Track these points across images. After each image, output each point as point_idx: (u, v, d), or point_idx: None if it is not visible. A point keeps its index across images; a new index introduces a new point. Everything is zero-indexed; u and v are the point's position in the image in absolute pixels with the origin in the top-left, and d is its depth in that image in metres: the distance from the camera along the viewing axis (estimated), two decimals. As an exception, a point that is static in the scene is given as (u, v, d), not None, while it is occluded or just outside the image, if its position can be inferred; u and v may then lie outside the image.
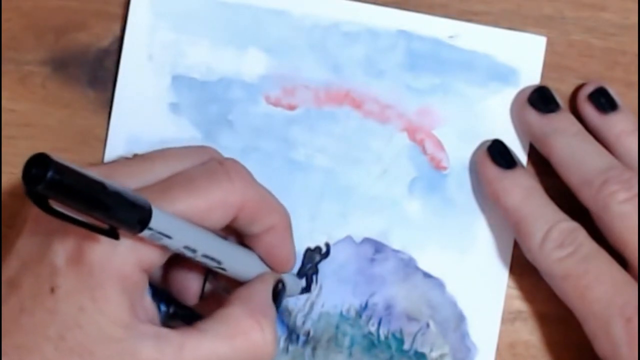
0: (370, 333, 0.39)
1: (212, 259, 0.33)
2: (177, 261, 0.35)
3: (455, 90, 0.40)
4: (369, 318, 0.39)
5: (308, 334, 0.39)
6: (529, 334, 0.39)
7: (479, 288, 0.39)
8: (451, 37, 0.40)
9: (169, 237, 0.30)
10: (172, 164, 0.34)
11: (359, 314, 0.39)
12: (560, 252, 0.36)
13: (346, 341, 0.39)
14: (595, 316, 0.35)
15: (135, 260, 0.30)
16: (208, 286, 0.36)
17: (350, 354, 0.39)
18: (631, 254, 0.35)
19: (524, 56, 0.40)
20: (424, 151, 0.40)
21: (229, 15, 0.40)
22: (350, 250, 0.40)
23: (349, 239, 0.40)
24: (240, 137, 0.40)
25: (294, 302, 0.39)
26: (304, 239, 0.40)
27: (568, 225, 0.36)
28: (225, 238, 0.35)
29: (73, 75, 0.41)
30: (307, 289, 0.40)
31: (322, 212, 0.40)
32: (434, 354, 0.39)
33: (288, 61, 0.40)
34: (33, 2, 0.41)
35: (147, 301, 0.32)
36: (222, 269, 0.34)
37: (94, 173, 0.27)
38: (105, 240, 0.29)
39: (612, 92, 0.38)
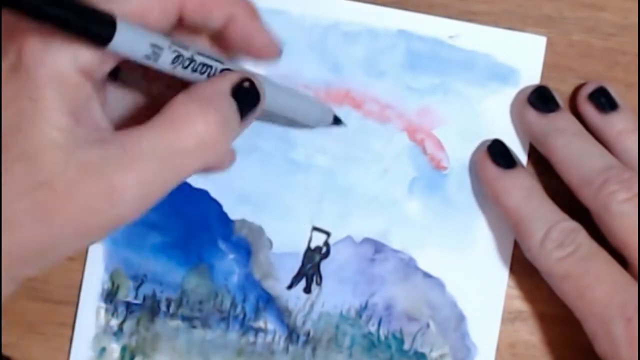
0: (370, 333, 0.39)
1: (206, 56, 0.32)
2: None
3: (455, 90, 0.40)
4: (369, 318, 0.39)
5: (308, 334, 0.39)
6: (529, 334, 0.39)
7: (479, 288, 0.39)
8: (451, 37, 0.40)
9: (157, 48, 0.29)
10: None
11: (359, 314, 0.39)
12: (561, 252, 0.36)
13: (346, 341, 0.39)
14: (595, 316, 0.35)
15: (70, 59, 0.29)
16: None
17: (350, 354, 0.39)
18: (631, 254, 0.35)
19: (524, 56, 0.40)
20: (424, 151, 0.40)
21: (229, 15, 0.40)
22: (350, 250, 0.40)
23: (349, 239, 0.40)
24: (240, 137, 0.40)
25: (294, 302, 0.39)
26: (304, 239, 0.40)
27: (568, 225, 0.36)
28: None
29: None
30: (307, 289, 0.40)
31: (322, 212, 0.40)
32: (434, 354, 0.39)
33: (288, 61, 0.40)
34: (33, 2, 0.41)
35: (95, 112, 0.31)
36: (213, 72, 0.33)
37: None
38: (39, 42, 0.29)
39: (612, 91, 0.38)
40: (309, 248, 0.40)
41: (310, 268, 0.40)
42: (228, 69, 0.33)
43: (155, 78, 0.35)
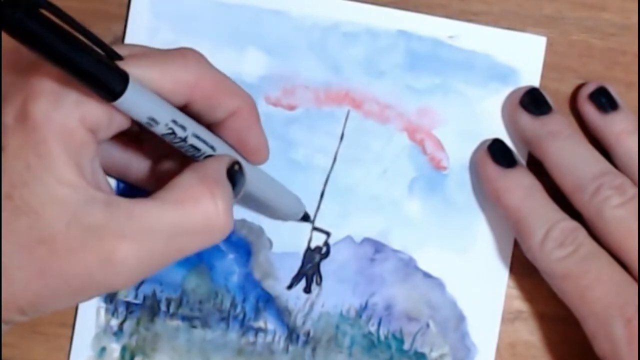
0: (370, 333, 0.39)
1: (200, 140, 0.32)
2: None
3: (455, 90, 0.40)
4: (369, 318, 0.39)
5: (308, 334, 0.39)
6: (529, 334, 0.39)
7: (479, 288, 0.39)
8: (451, 37, 0.40)
9: (154, 121, 0.30)
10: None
11: (359, 314, 0.39)
12: (561, 252, 0.36)
13: (346, 341, 0.39)
14: (595, 316, 0.35)
15: (78, 115, 0.29)
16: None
17: (350, 354, 0.39)
18: (627, 257, 0.36)
19: (524, 56, 0.40)
20: (424, 151, 0.40)
21: (229, 15, 0.40)
22: (350, 250, 0.40)
23: (349, 239, 0.40)
24: (240, 137, 0.40)
25: (294, 302, 0.39)
26: (304, 239, 0.40)
27: (568, 225, 0.36)
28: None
29: (73, 76, 0.41)
30: (307, 289, 0.40)
31: (322, 212, 0.40)
32: (434, 354, 0.39)
33: (288, 61, 0.40)
34: (33, 2, 0.41)
35: (99, 172, 0.31)
36: (202, 152, 0.33)
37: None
38: (48, 95, 0.28)
39: (613, 91, 0.38)
40: (309, 248, 0.40)
41: (310, 268, 0.40)
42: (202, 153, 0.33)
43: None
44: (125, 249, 0.29)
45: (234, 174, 0.33)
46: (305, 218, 0.39)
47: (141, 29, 0.40)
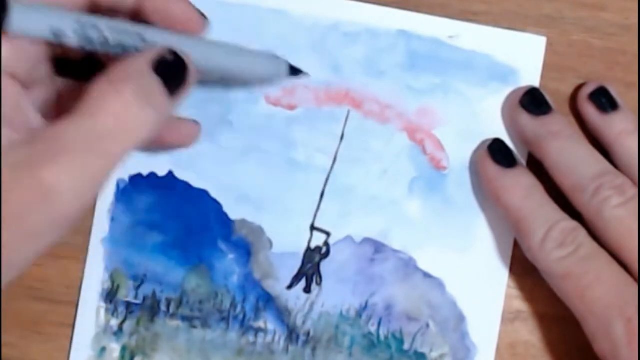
0: (370, 333, 0.39)
1: (122, 33, 0.31)
2: None
3: (455, 90, 0.40)
4: (369, 318, 0.39)
5: (308, 334, 0.39)
6: (529, 334, 0.39)
7: (479, 288, 0.39)
8: (451, 37, 0.40)
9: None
10: None
11: (359, 314, 0.39)
12: (561, 252, 0.36)
13: (346, 341, 0.39)
14: (595, 316, 0.35)
15: None
16: None
17: (350, 354, 0.39)
18: (628, 257, 0.36)
19: (524, 56, 0.40)
20: (424, 151, 0.40)
21: (229, 14, 0.40)
22: (350, 250, 0.40)
23: (349, 239, 0.40)
24: (240, 137, 0.40)
25: (294, 302, 0.39)
26: (304, 239, 0.40)
27: (569, 225, 0.36)
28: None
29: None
30: (307, 289, 0.40)
31: (322, 212, 0.40)
32: (434, 354, 0.39)
33: (288, 61, 0.40)
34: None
35: (27, 111, 0.31)
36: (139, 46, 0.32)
37: None
38: None
39: (613, 91, 0.38)
40: (309, 248, 0.40)
41: (310, 268, 0.40)
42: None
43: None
44: (53, 173, 0.29)
45: (168, 65, 0.32)
46: (295, 72, 0.38)
47: (141, 29, 0.40)
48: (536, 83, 0.40)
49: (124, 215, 0.40)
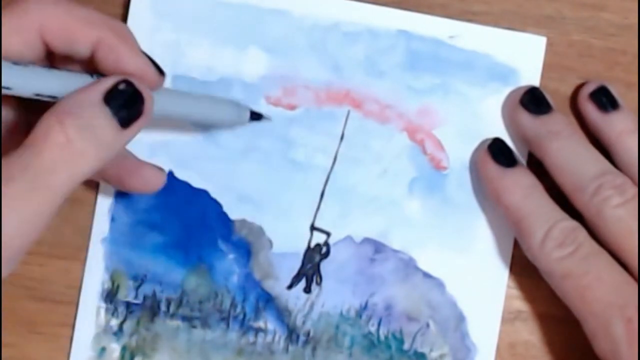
0: (370, 333, 0.39)
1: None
2: None
3: (455, 90, 0.40)
4: (369, 318, 0.39)
5: (308, 334, 0.39)
6: (529, 334, 0.39)
7: (479, 288, 0.39)
8: (451, 37, 0.40)
9: None
10: None
11: (359, 314, 0.39)
12: (561, 252, 0.36)
13: (346, 341, 0.39)
14: (595, 316, 0.35)
15: None
16: None
17: (350, 354, 0.39)
18: (628, 257, 0.36)
19: (524, 56, 0.40)
20: (424, 151, 0.40)
21: (229, 15, 0.40)
22: (350, 250, 0.40)
23: (349, 239, 0.40)
24: (240, 137, 0.40)
25: (294, 302, 0.39)
26: (304, 239, 0.40)
27: (569, 225, 0.36)
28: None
29: (73, 75, 0.40)
30: (307, 289, 0.40)
31: (322, 212, 0.40)
32: (434, 354, 0.39)
33: (288, 61, 0.40)
34: (33, 2, 0.41)
35: None
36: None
37: None
38: None
39: (614, 91, 0.38)
40: (309, 248, 0.40)
41: (310, 268, 0.40)
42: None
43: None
44: (6, 221, 0.28)
45: (120, 95, 0.31)
46: (255, 117, 0.38)
47: (141, 29, 0.40)
48: (536, 83, 0.40)
49: (124, 215, 0.40)
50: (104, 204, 0.40)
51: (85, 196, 0.40)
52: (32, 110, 0.33)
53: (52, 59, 0.34)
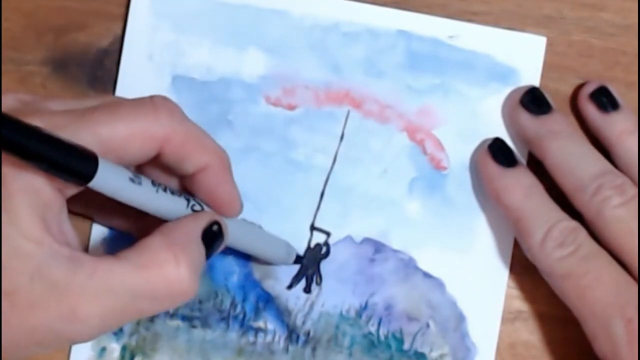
0: (370, 333, 0.39)
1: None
2: None
3: (455, 90, 0.40)
4: (369, 318, 0.39)
5: (308, 334, 0.39)
6: (529, 334, 0.39)
7: (479, 288, 0.39)
8: (451, 37, 0.40)
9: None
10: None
11: (359, 314, 0.39)
12: (561, 252, 0.36)
13: (346, 341, 0.39)
14: (596, 316, 0.35)
15: (45, 176, 0.29)
16: None
17: (350, 354, 0.39)
18: (628, 257, 0.36)
19: (524, 56, 0.40)
20: (424, 151, 0.40)
21: (229, 15, 0.40)
22: (350, 250, 0.40)
23: (349, 239, 0.40)
24: (240, 137, 0.40)
25: (294, 302, 0.39)
26: (304, 239, 0.40)
27: (569, 225, 0.36)
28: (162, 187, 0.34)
29: (73, 76, 0.41)
30: (307, 289, 0.40)
31: (322, 212, 0.40)
32: (434, 354, 0.39)
33: (288, 61, 0.40)
34: (33, 2, 0.41)
35: (66, 226, 0.31)
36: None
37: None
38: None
39: (614, 91, 0.38)
40: (309, 248, 0.40)
41: (310, 268, 0.40)
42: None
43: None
44: (87, 307, 0.29)
45: (212, 235, 0.33)
46: (298, 261, 0.39)
47: (141, 29, 0.40)
48: (536, 83, 0.40)
49: (124, 215, 0.40)
50: (104, 204, 0.40)
51: (85, 196, 0.40)
52: None
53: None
